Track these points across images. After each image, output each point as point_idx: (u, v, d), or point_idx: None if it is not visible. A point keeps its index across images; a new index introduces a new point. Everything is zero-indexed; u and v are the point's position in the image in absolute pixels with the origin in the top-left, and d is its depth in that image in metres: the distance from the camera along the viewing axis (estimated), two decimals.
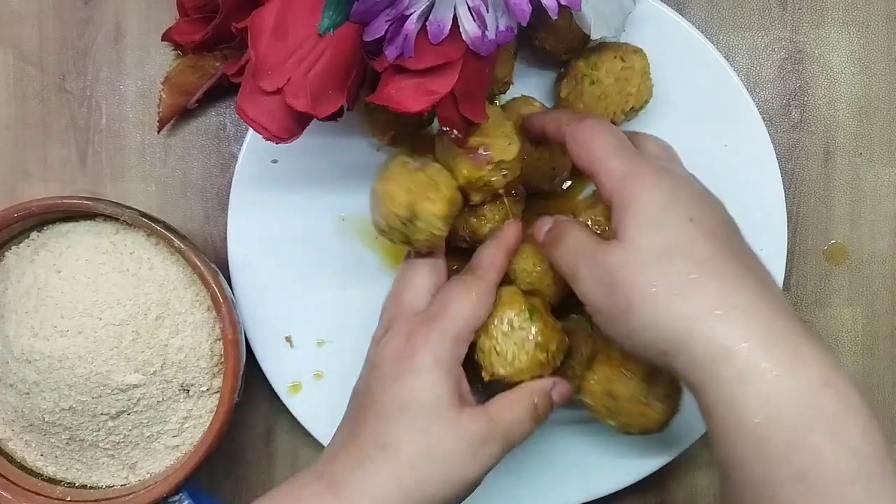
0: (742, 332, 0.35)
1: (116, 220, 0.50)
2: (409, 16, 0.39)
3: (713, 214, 0.40)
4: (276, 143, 0.42)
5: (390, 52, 0.40)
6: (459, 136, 0.43)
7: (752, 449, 0.34)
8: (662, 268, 0.37)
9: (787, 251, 0.51)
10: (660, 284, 0.37)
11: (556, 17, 0.40)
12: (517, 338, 0.44)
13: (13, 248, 0.51)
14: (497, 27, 0.40)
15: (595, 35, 0.46)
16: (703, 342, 0.35)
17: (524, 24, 0.39)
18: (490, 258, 0.45)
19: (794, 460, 0.33)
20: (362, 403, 0.42)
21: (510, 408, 0.42)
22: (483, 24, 0.40)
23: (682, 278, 0.37)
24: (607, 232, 0.43)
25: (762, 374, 0.34)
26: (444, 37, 0.40)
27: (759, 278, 0.38)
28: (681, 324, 0.36)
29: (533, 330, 0.44)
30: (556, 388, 0.44)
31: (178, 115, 0.55)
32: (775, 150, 0.51)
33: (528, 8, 0.39)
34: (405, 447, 0.40)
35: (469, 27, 0.40)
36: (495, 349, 0.44)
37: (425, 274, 0.45)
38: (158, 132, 0.55)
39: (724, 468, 0.36)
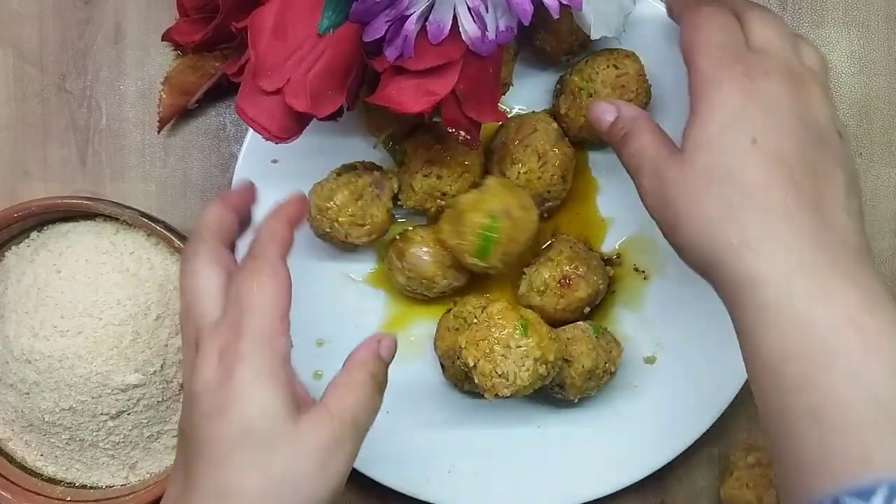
0: (769, 266, 0.35)
1: (116, 220, 0.50)
2: (409, 16, 0.39)
3: (789, 135, 0.37)
4: (276, 143, 0.42)
5: (390, 53, 0.40)
6: (467, 138, 0.43)
7: (770, 380, 0.35)
8: (710, 191, 0.37)
9: None
10: (703, 208, 0.37)
11: (557, 17, 0.40)
12: (515, 356, 0.44)
13: (13, 248, 0.51)
14: (497, 27, 0.40)
15: (595, 35, 0.46)
16: (732, 271, 0.36)
17: (526, 23, 0.39)
18: (270, 232, 0.40)
19: (808, 396, 0.33)
20: (191, 447, 0.36)
21: (350, 392, 0.38)
22: (483, 25, 0.40)
23: (724, 204, 0.36)
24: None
25: (781, 308, 0.34)
26: (443, 37, 0.40)
27: (815, 209, 0.36)
28: (717, 249, 0.36)
29: (530, 344, 0.44)
30: (382, 345, 0.40)
31: (178, 115, 0.55)
32: None
33: (529, 7, 0.39)
34: (248, 488, 0.35)
35: (469, 28, 0.40)
36: (496, 372, 0.44)
37: (207, 274, 0.39)
38: (158, 132, 0.55)
39: (754, 394, 0.36)
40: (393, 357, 0.40)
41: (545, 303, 0.49)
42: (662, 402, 0.52)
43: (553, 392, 0.50)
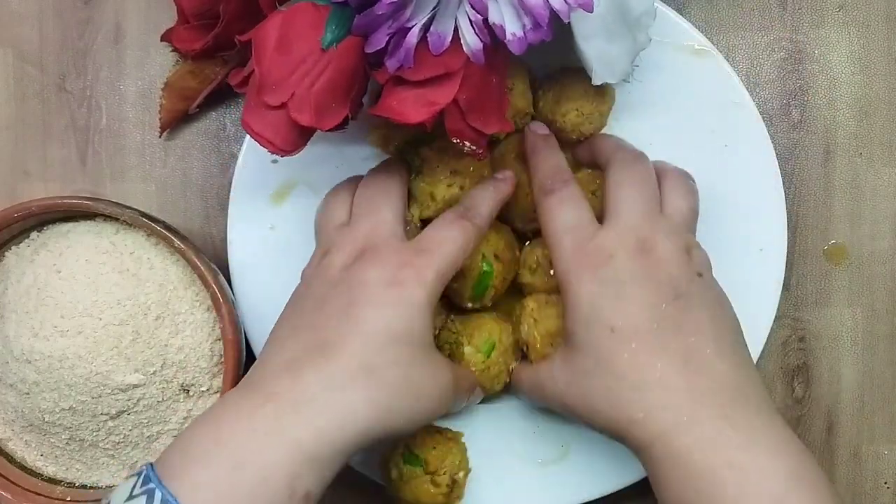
0: (655, 430, 0.39)
1: (116, 220, 0.50)
2: (411, 28, 0.39)
3: (641, 309, 0.41)
4: (282, 156, 0.42)
5: (391, 64, 0.40)
6: (474, 148, 0.43)
7: None
8: (591, 383, 0.41)
9: (787, 251, 0.51)
10: (589, 399, 0.42)
11: (567, 21, 0.40)
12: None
13: (13, 248, 0.51)
14: (525, 26, 0.40)
15: (597, 82, 0.45)
16: (630, 441, 0.41)
17: (543, 25, 0.39)
18: (485, 203, 0.46)
19: None
20: (340, 319, 0.41)
21: (434, 225, 0.45)
22: (485, 36, 0.40)
23: (605, 392, 0.41)
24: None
25: (671, 463, 0.38)
26: (444, 48, 0.40)
27: (685, 364, 0.40)
28: (612, 427, 0.41)
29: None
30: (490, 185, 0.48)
31: (178, 120, 0.55)
32: (775, 150, 0.51)
33: (545, 11, 0.39)
34: (390, 376, 0.39)
35: (470, 39, 0.40)
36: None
37: (396, 191, 0.47)
38: (160, 136, 0.55)
39: None
40: (494, 208, 0.47)
41: (535, 281, 0.49)
42: None
43: None
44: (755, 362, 0.49)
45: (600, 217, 0.45)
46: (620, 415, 0.40)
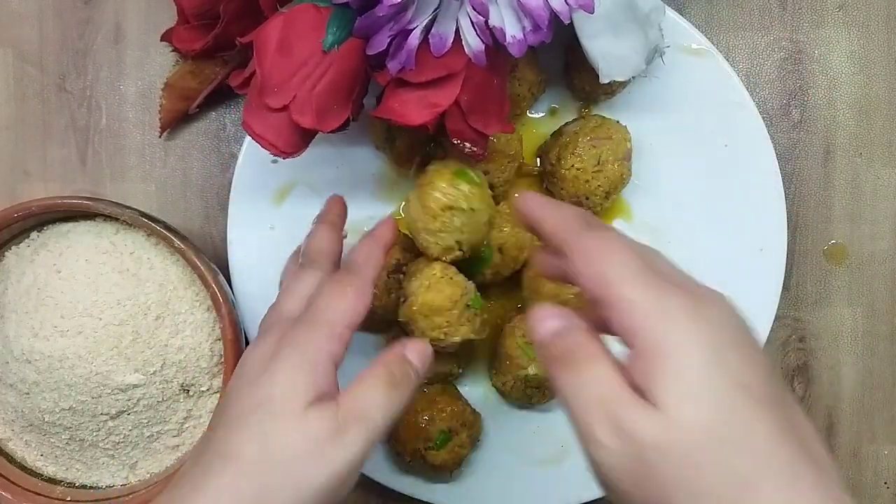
0: None
1: (116, 220, 0.50)
2: (412, 30, 0.39)
3: (761, 366, 0.31)
4: (284, 158, 0.42)
5: (393, 66, 0.40)
6: (474, 149, 0.43)
7: None
8: (713, 460, 0.29)
9: (787, 251, 0.51)
10: (708, 484, 0.29)
11: (568, 22, 0.40)
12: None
13: (13, 248, 0.51)
14: (524, 28, 0.40)
15: (604, 80, 0.45)
16: None
17: (543, 27, 0.39)
18: (366, 254, 0.42)
19: None
20: (218, 412, 0.39)
21: (362, 389, 0.37)
22: (486, 37, 0.40)
23: (735, 480, 0.29)
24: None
25: None
26: (446, 50, 0.40)
27: (802, 448, 0.30)
28: None
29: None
30: (408, 347, 0.40)
31: (178, 120, 0.55)
32: (775, 150, 0.51)
33: (545, 13, 0.39)
34: (245, 453, 0.35)
35: (471, 40, 0.40)
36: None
37: (309, 284, 0.41)
38: (160, 136, 0.55)
39: None
40: (425, 365, 0.40)
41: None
42: None
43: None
44: None
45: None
46: None
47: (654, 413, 0.30)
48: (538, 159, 0.53)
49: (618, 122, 0.50)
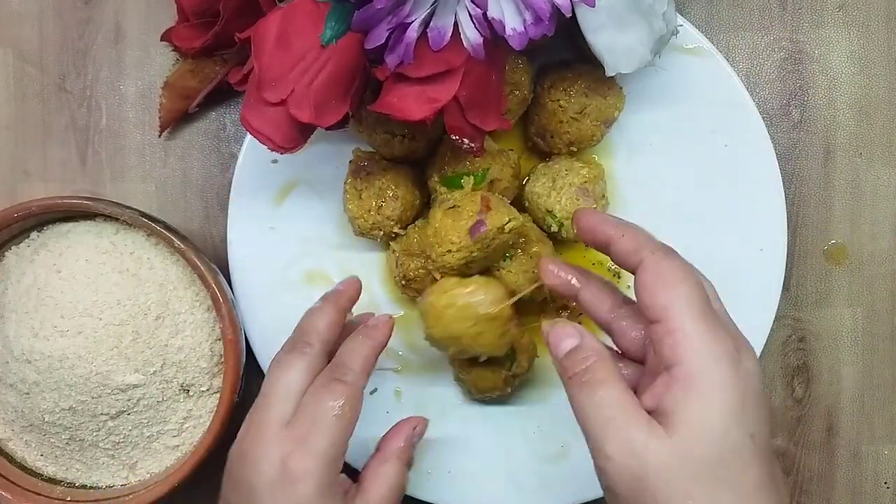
0: None
1: (116, 220, 0.50)
2: (411, 23, 0.39)
3: (765, 421, 0.35)
4: (282, 154, 0.42)
5: (391, 60, 0.40)
6: (472, 145, 0.43)
7: None
8: (706, 493, 0.33)
9: (787, 251, 0.51)
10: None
11: (569, 16, 0.40)
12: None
13: (13, 248, 0.51)
14: (525, 21, 0.40)
15: (610, 73, 0.45)
16: None
17: (545, 19, 0.39)
18: (360, 360, 0.42)
19: None
20: None
21: (385, 483, 0.42)
22: (485, 30, 0.40)
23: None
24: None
25: None
26: (444, 44, 0.40)
27: (772, 481, 0.35)
28: None
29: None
30: (416, 431, 0.45)
31: (178, 119, 0.55)
32: (775, 150, 0.51)
33: (547, 5, 0.39)
34: None
35: (470, 34, 0.40)
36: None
37: (297, 378, 0.41)
38: (159, 136, 0.55)
39: None
40: (423, 435, 0.45)
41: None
42: None
43: None
44: None
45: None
46: None
47: (664, 439, 0.34)
48: (535, 87, 0.51)
49: (621, 88, 0.50)
